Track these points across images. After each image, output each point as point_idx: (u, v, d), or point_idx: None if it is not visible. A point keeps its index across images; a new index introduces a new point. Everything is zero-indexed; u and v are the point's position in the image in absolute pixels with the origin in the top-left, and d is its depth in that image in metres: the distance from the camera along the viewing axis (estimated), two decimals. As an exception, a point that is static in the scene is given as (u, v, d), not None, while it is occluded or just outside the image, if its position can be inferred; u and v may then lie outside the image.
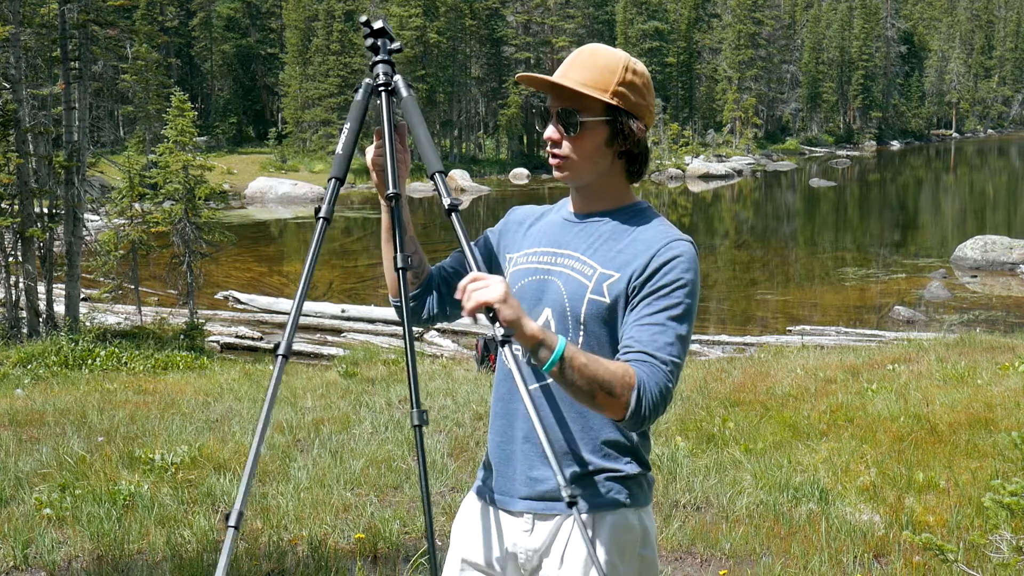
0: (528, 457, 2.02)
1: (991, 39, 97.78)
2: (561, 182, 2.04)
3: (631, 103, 1.97)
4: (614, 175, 2.03)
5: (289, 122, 54.69)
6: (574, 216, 2.08)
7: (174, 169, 17.93)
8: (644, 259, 1.93)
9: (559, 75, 1.98)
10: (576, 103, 1.96)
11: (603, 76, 1.95)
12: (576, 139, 1.98)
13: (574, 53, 2.03)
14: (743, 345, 15.46)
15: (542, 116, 2.04)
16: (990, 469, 5.28)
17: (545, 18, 59.77)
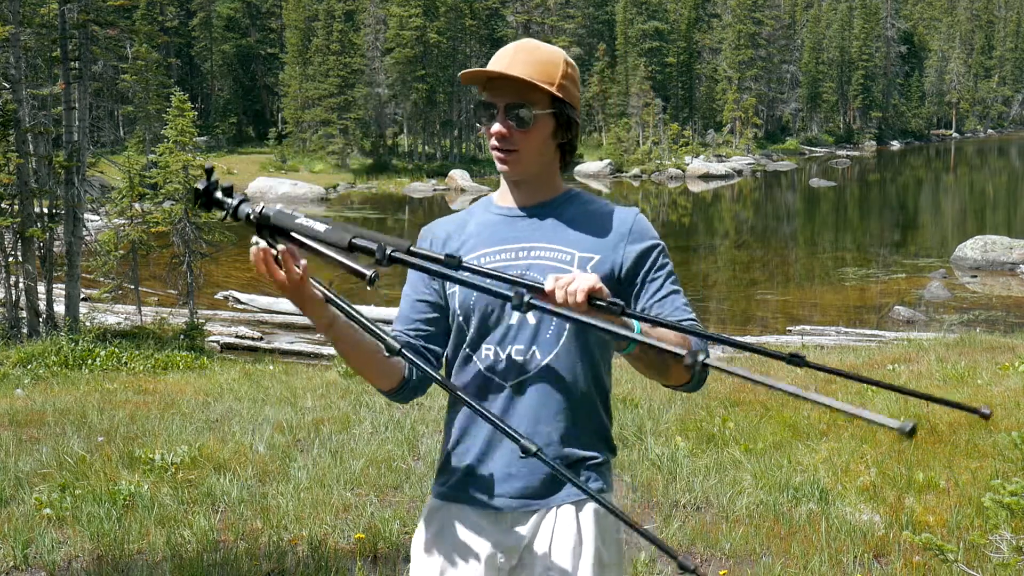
0: (504, 455, 2.01)
1: (991, 39, 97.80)
2: (507, 175, 2.03)
3: (571, 96, 2.01)
4: (553, 166, 2.06)
5: (289, 122, 54.70)
6: (518, 210, 2.06)
7: (174, 169, 17.93)
8: (623, 238, 2.01)
9: (504, 69, 1.94)
10: (525, 97, 1.96)
11: (548, 69, 1.96)
12: (526, 133, 1.97)
13: (511, 49, 1.99)
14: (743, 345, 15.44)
15: (488, 111, 1.98)
16: (990, 469, 5.28)
17: (545, 18, 59.75)
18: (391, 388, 2.02)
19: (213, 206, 1.79)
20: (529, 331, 1.99)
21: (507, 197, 2.10)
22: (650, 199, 46.23)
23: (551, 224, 2.04)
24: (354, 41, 54.02)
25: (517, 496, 2.02)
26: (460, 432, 2.07)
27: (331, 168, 50.14)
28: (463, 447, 2.06)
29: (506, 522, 2.03)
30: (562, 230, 2.03)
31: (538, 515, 2.03)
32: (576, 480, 1.68)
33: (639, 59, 61.64)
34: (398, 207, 41.61)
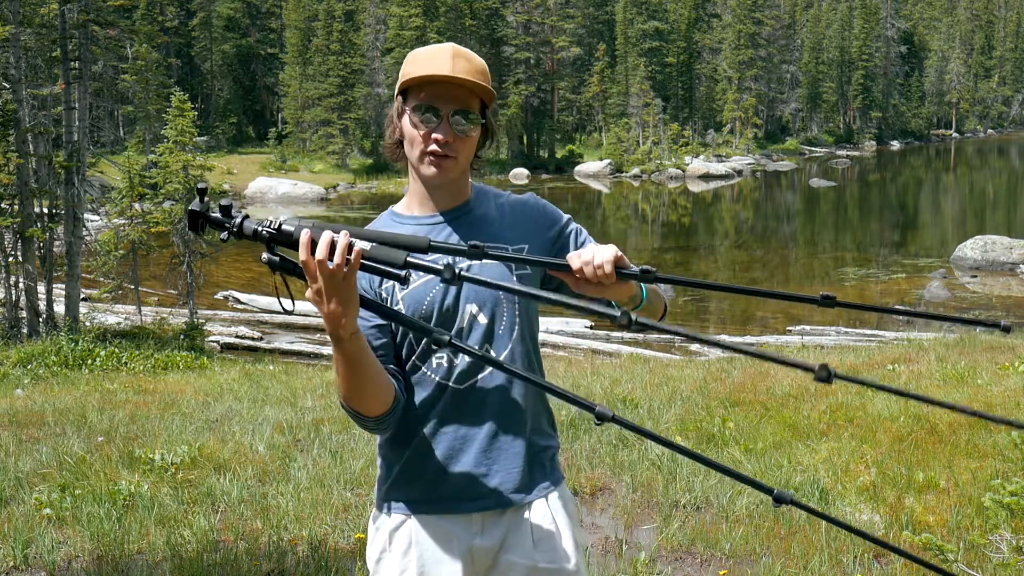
0: (471, 458, 2.01)
1: (991, 39, 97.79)
2: (440, 180, 1.99)
3: (493, 103, 2.03)
4: (468, 170, 2.08)
5: (289, 122, 54.70)
6: (439, 215, 2.04)
7: (174, 169, 17.93)
8: (539, 222, 2.07)
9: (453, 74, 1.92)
10: (467, 104, 1.96)
11: (484, 78, 1.97)
12: (466, 139, 1.97)
13: (448, 53, 1.95)
14: (743, 345, 15.44)
15: (430, 115, 1.94)
16: (990, 469, 5.28)
17: (545, 18, 59.74)
18: (382, 412, 1.93)
19: (212, 227, 1.74)
20: (481, 330, 2.00)
21: (420, 205, 2.06)
22: (650, 199, 46.22)
23: (475, 224, 2.05)
24: (354, 41, 54.01)
25: (488, 498, 2.02)
26: (417, 440, 2.02)
27: (331, 168, 50.13)
28: (423, 455, 2.02)
29: (477, 525, 2.02)
30: (487, 228, 2.04)
31: (510, 514, 2.03)
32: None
33: (639, 59, 61.62)
34: (398, 207, 41.57)
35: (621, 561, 4.28)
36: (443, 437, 2.01)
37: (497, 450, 2.01)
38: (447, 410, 2.00)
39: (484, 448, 2.01)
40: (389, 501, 2.07)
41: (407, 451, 2.04)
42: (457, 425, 2.01)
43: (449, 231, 2.03)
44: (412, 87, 1.97)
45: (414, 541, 2.03)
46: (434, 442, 2.01)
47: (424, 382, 2.01)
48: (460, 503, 2.01)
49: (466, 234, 2.02)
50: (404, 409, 2.01)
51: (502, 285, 1.83)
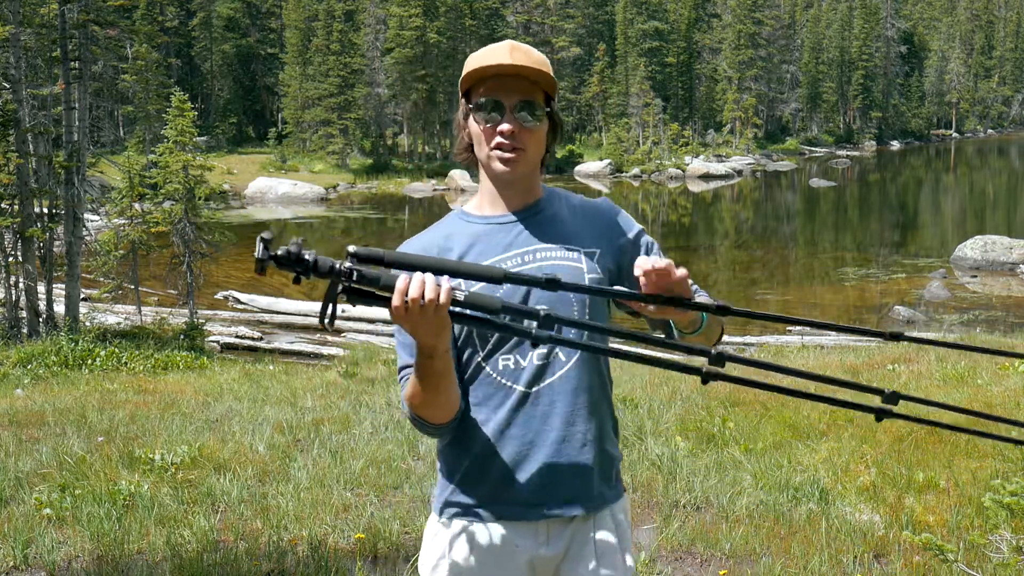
0: (539, 465, 1.96)
1: (991, 39, 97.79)
2: (510, 176, 1.98)
3: (556, 97, 2.03)
4: (539, 167, 2.07)
5: (289, 122, 54.69)
6: (510, 215, 2.03)
7: (174, 169, 17.92)
8: (612, 227, 2.06)
9: (518, 62, 1.92)
10: (531, 95, 1.95)
11: (546, 70, 1.96)
12: (533, 131, 1.96)
13: (506, 48, 1.95)
14: (743, 345, 15.45)
15: (494, 110, 1.94)
16: (990, 469, 5.28)
17: (545, 18, 59.75)
18: (447, 420, 1.92)
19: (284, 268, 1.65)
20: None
21: (491, 205, 2.05)
22: (650, 199, 46.22)
23: (547, 224, 2.03)
24: (354, 41, 54.00)
25: (555, 507, 1.97)
26: (482, 444, 1.98)
27: (331, 168, 50.12)
28: (488, 460, 1.98)
29: (543, 535, 1.99)
30: (560, 229, 2.03)
31: (575, 524, 2.00)
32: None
33: (639, 59, 61.62)
34: (398, 207, 41.60)
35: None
36: (509, 442, 1.96)
37: (565, 457, 1.97)
38: (514, 414, 1.96)
39: (552, 455, 1.96)
40: (451, 506, 2.02)
41: (471, 456, 1.99)
42: (524, 430, 1.96)
43: (520, 230, 2.01)
44: (474, 87, 1.97)
45: (477, 547, 1.99)
46: (499, 447, 1.96)
47: (490, 384, 1.97)
48: (526, 511, 1.97)
49: (538, 233, 2.01)
50: (471, 410, 1.99)
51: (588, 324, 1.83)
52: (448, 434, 1.98)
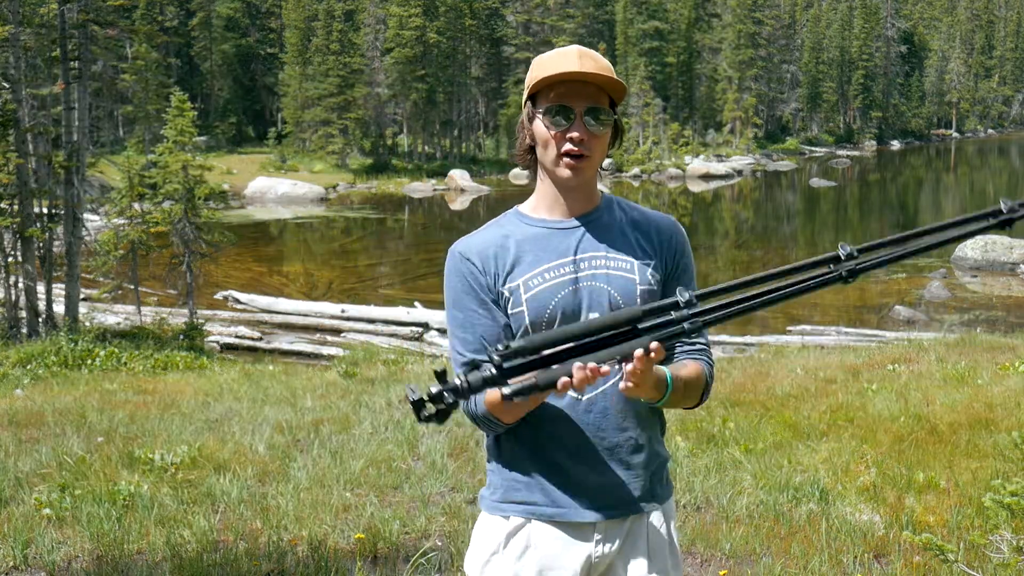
0: (594, 465, 2.01)
1: (991, 39, 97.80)
2: (576, 181, 2.00)
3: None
4: (598, 173, 2.08)
5: (289, 122, 54.69)
6: (571, 220, 2.04)
7: (174, 169, 17.92)
8: (666, 244, 2.08)
9: (588, 69, 1.93)
10: (599, 101, 1.96)
11: (612, 74, 1.96)
12: (599, 137, 1.97)
13: (574, 54, 1.96)
14: (743, 345, 15.45)
15: (564, 115, 1.95)
16: (990, 469, 5.27)
17: (545, 18, 59.76)
18: (511, 423, 1.97)
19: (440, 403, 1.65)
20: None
21: (549, 208, 2.06)
22: (650, 199, 46.22)
23: (603, 232, 2.05)
24: (354, 41, 54.01)
25: (611, 507, 2.02)
26: (538, 445, 2.01)
27: (331, 168, 50.13)
28: (545, 460, 2.01)
29: (597, 534, 2.02)
30: (617, 238, 2.05)
31: (629, 522, 2.04)
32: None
33: (639, 59, 61.61)
34: (398, 207, 41.61)
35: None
36: (564, 448, 2.00)
37: (620, 458, 2.01)
38: (570, 416, 1.99)
39: (608, 456, 2.00)
40: (506, 503, 2.04)
41: (528, 456, 2.02)
42: (579, 437, 2.00)
43: (577, 236, 2.03)
44: (542, 90, 1.97)
45: (532, 545, 2.01)
46: (554, 452, 2.00)
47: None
48: (582, 510, 2.00)
49: (594, 241, 2.03)
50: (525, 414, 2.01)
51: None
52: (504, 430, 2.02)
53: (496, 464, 2.08)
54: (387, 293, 22.16)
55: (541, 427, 2.00)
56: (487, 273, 2.01)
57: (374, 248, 30.40)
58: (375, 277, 24.82)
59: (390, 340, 17.12)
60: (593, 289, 1.99)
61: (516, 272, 2.00)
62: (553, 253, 2.01)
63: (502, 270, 2.01)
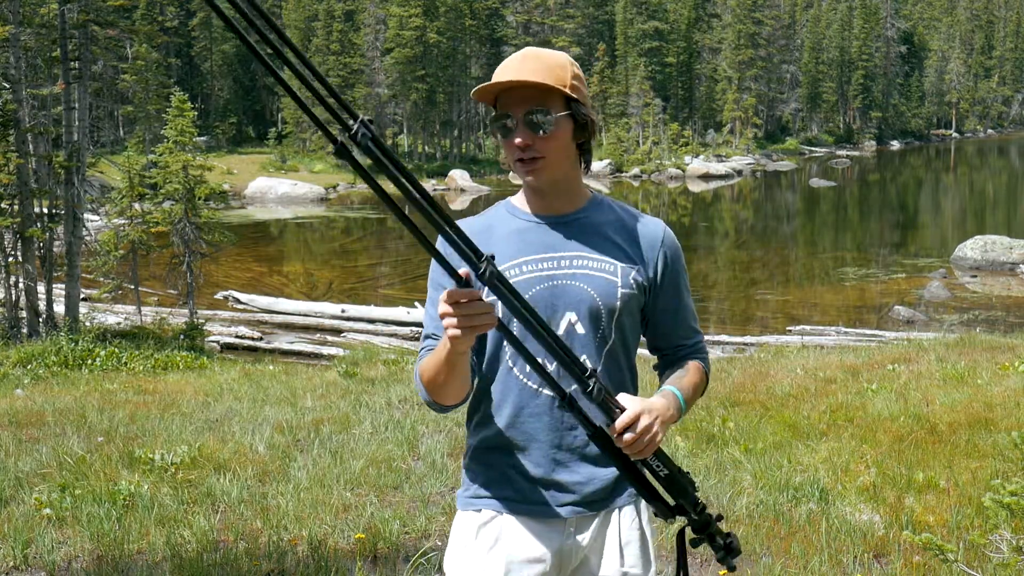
0: (567, 460, 2.01)
1: (991, 39, 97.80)
2: (537, 184, 2.00)
3: (583, 95, 2.00)
4: (576, 169, 2.06)
5: (289, 122, 54.70)
6: (553, 217, 2.05)
7: (174, 169, 17.93)
8: (655, 249, 2.07)
9: (515, 77, 1.93)
10: (541, 102, 1.94)
11: (557, 72, 1.95)
12: (548, 138, 1.95)
13: (518, 58, 1.97)
14: (743, 345, 15.45)
15: (505, 123, 1.95)
16: (990, 469, 5.28)
17: (545, 18, 59.77)
18: (454, 403, 1.97)
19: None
20: (579, 340, 1.99)
21: (535, 204, 2.07)
22: (650, 199, 46.22)
23: (588, 232, 2.04)
24: (354, 41, 54.02)
25: (582, 502, 2.02)
26: (510, 441, 2.02)
27: (331, 168, 50.13)
28: (517, 457, 2.02)
29: (569, 528, 2.03)
30: (600, 239, 2.04)
31: (601, 516, 2.05)
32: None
33: (639, 59, 61.63)
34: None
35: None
36: (537, 444, 2.01)
37: (592, 455, 2.01)
38: (541, 417, 2.00)
39: (579, 452, 2.01)
40: (477, 498, 2.06)
41: (500, 452, 2.04)
42: (552, 434, 2.00)
43: (560, 233, 2.03)
44: (497, 100, 1.98)
45: (502, 538, 2.02)
46: (527, 448, 2.01)
47: (516, 385, 2.01)
48: (553, 506, 2.01)
49: (577, 240, 2.02)
50: (498, 410, 2.03)
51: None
52: (447, 412, 2.02)
53: (470, 461, 2.10)
54: (387, 293, 22.17)
55: (514, 424, 2.01)
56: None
57: (374, 248, 30.40)
58: (375, 277, 24.82)
59: (390, 340, 17.13)
60: (569, 288, 1.99)
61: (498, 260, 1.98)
62: (534, 247, 2.02)
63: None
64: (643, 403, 1.88)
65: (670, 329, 2.13)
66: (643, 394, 2.03)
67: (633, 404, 1.86)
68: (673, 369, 2.12)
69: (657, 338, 2.16)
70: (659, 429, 1.85)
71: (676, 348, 2.16)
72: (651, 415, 1.85)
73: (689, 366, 2.10)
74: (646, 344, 2.22)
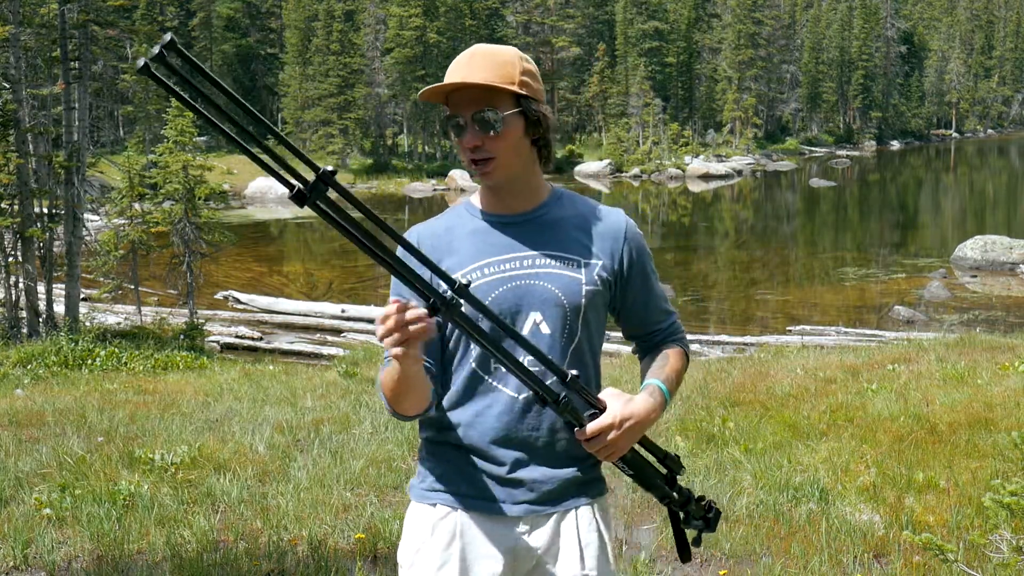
0: (525, 458, 1.99)
1: (991, 39, 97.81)
2: (490, 183, 1.99)
3: (533, 90, 1.98)
4: (533, 165, 2.03)
5: (289, 122, 54.71)
6: (511, 216, 2.03)
7: (174, 169, 17.93)
8: (619, 242, 2.06)
9: (462, 78, 1.92)
10: (488, 102, 1.92)
11: (505, 70, 1.93)
12: (498, 137, 1.93)
13: (465, 57, 1.96)
14: (743, 345, 15.45)
15: (455, 126, 1.95)
16: (990, 469, 5.28)
17: (545, 18, 59.77)
18: (415, 414, 1.96)
19: None
20: (544, 340, 1.97)
21: (493, 203, 2.04)
22: (650, 199, 46.23)
23: (550, 229, 2.02)
24: (354, 41, 54.01)
25: (537, 501, 2.00)
26: (469, 439, 2.01)
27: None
28: (474, 454, 2.01)
29: (525, 527, 2.01)
30: (562, 235, 2.02)
31: (556, 518, 2.03)
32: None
33: (639, 59, 61.62)
34: (398, 207, 41.62)
35: (621, 561, 4.28)
36: (495, 443, 1.99)
37: (550, 454, 2.00)
38: (501, 417, 1.98)
39: (537, 450, 1.99)
40: (432, 492, 2.04)
41: (457, 449, 2.02)
42: (511, 433, 1.98)
43: (520, 232, 2.01)
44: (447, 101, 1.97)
45: (458, 534, 2.01)
46: (485, 447, 1.99)
47: (478, 383, 1.99)
48: (509, 504, 2.00)
49: (538, 238, 2.01)
50: (459, 406, 2.01)
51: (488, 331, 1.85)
52: (411, 420, 2.01)
53: (426, 454, 2.08)
54: (387, 293, 22.11)
55: (474, 422, 2.00)
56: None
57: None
58: (375, 277, 24.80)
59: (390, 340, 17.10)
60: (533, 288, 1.97)
61: (454, 263, 1.99)
62: (495, 248, 2.00)
63: (439, 256, 2.00)
64: (622, 411, 1.91)
65: (644, 316, 2.14)
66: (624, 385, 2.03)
67: (611, 411, 1.90)
68: (654, 356, 2.14)
69: (632, 327, 2.16)
70: (624, 445, 1.92)
71: (652, 333, 2.17)
72: (620, 430, 1.91)
73: (669, 354, 2.12)
74: (622, 333, 2.21)
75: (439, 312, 1.69)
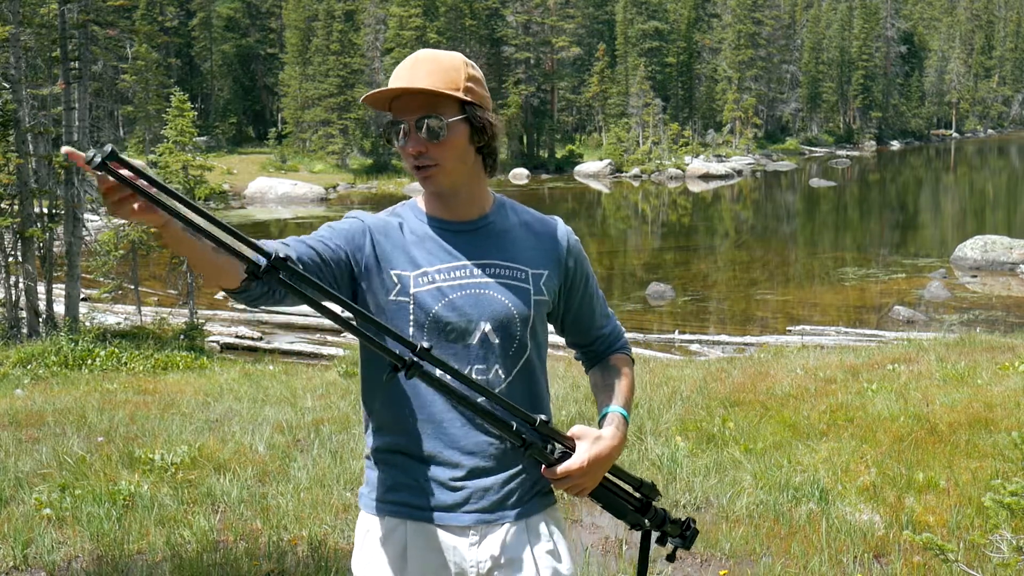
0: (474, 467, 1.96)
1: (991, 39, 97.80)
2: (434, 190, 1.96)
3: (479, 96, 1.94)
4: (479, 173, 2.00)
5: (289, 122, 54.71)
6: (458, 224, 1.99)
7: (174, 169, 17.93)
8: (562, 251, 2.07)
9: (406, 84, 1.88)
10: (432, 108, 1.89)
11: (450, 76, 1.90)
12: (441, 144, 1.90)
13: (409, 63, 1.92)
14: (743, 345, 15.45)
15: (397, 131, 1.91)
16: (990, 469, 5.28)
17: (545, 18, 59.75)
18: (233, 288, 1.81)
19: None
20: (495, 350, 1.96)
21: (439, 208, 2.00)
22: (650, 199, 46.23)
23: (496, 239, 2.00)
24: (354, 41, 54.02)
25: (487, 510, 1.97)
26: (416, 445, 1.97)
27: (331, 168, 50.15)
28: (421, 461, 1.97)
29: (475, 537, 1.98)
30: (509, 245, 2.01)
31: (507, 527, 1.99)
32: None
33: (639, 59, 61.62)
34: (398, 207, 41.57)
35: (621, 561, 4.28)
36: (446, 449, 1.96)
37: (501, 468, 1.97)
38: (450, 419, 1.95)
39: (487, 460, 1.96)
40: (382, 503, 2.01)
41: (404, 456, 1.98)
42: (462, 439, 1.95)
43: (468, 241, 1.98)
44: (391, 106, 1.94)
45: (408, 547, 1.98)
46: (435, 453, 1.96)
47: (423, 388, 1.93)
48: (458, 514, 1.96)
49: (485, 247, 1.98)
50: (411, 417, 1.96)
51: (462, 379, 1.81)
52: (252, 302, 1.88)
53: (372, 462, 2.05)
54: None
55: (419, 428, 1.96)
56: (381, 244, 1.96)
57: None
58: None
59: (390, 340, 17.11)
60: (483, 297, 1.95)
61: (416, 262, 1.95)
62: (445, 255, 1.97)
63: (398, 253, 1.96)
64: (589, 453, 1.92)
65: (587, 323, 2.14)
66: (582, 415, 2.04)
67: (580, 453, 1.92)
68: (604, 370, 2.15)
69: (575, 334, 2.16)
70: (591, 483, 1.96)
71: (596, 340, 2.17)
72: (586, 476, 1.93)
73: (620, 369, 2.14)
74: (565, 342, 2.19)
75: (406, 371, 1.67)
